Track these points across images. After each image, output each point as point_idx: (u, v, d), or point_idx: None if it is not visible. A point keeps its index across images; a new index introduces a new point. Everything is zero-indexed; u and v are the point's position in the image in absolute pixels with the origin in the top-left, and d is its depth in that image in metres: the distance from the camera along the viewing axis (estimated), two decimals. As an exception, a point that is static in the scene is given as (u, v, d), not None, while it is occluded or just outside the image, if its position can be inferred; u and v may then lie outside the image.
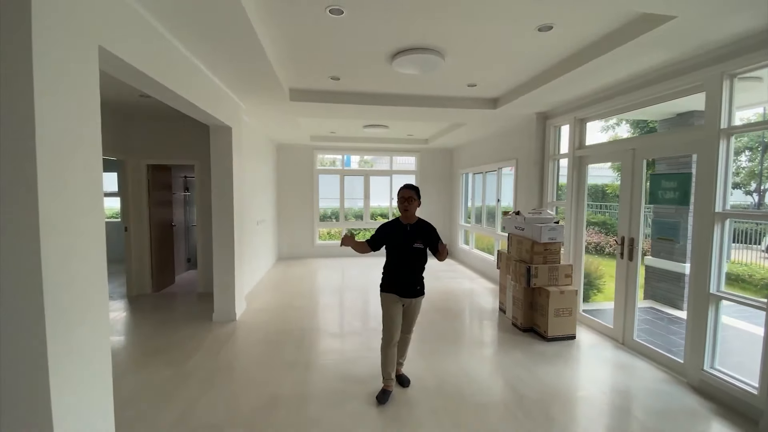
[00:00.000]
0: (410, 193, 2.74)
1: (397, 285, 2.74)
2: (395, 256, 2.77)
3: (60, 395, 1.60)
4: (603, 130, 12.56)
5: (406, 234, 2.73)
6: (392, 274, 2.76)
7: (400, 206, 2.76)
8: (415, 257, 2.73)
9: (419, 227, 2.78)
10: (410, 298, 2.77)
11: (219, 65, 3.26)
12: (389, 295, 2.75)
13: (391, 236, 2.76)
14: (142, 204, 5.44)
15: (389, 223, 2.84)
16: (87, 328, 1.79)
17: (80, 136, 1.76)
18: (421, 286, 2.82)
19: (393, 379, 2.83)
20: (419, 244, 2.72)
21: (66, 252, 1.65)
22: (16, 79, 1.48)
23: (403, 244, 2.72)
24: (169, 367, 3.20)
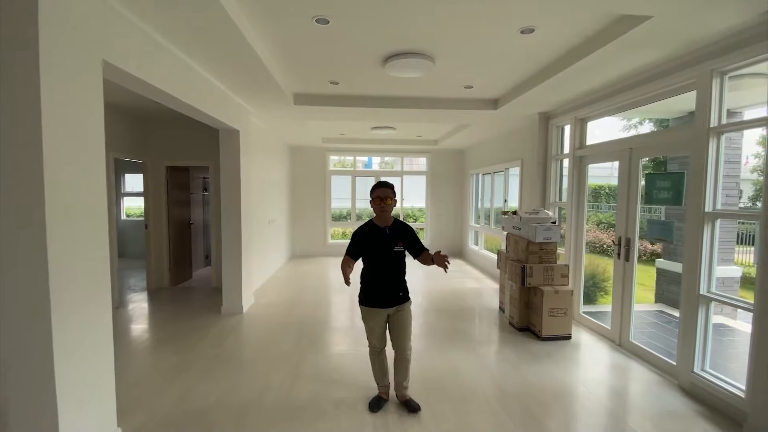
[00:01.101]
0: (387, 192, 2.50)
1: (379, 296, 2.51)
2: (375, 262, 2.52)
3: (67, 379, 1.83)
4: (624, 129, 12.18)
5: (385, 237, 2.50)
6: (373, 283, 2.52)
7: (376, 207, 2.51)
8: (396, 261, 2.52)
9: (398, 228, 2.57)
10: (394, 306, 2.52)
11: (222, 74, 3.49)
12: (370, 310, 2.53)
13: (370, 242, 2.50)
14: (161, 203, 5.80)
15: (363, 227, 2.57)
16: (90, 313, 2.01)
17: (84, 140, 1.98)
18: (405, 292, 2.58)
19: (387, 386, 2.68)
20: (400, 247, 2.52)
21: (69, 246, 1.87)
22: (24, 91, 1.70)
23: (383, 248, 2.49)
24: (175, 354, 3.45)
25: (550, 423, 2.49)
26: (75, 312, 1.92)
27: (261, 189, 5.93)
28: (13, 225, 1.73)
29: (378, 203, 2.51)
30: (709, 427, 2.46)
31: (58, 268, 1.80)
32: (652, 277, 6.07)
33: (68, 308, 1.87)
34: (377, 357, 2.64)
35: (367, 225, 2.58)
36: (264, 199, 6.17)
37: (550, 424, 2.48)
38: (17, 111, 1.71)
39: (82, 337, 1.97)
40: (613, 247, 3.81)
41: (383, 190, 2.51)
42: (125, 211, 9.07)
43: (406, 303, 2.59)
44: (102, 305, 2.13)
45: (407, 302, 2.60)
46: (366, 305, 2.55)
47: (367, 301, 2.54)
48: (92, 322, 2.05)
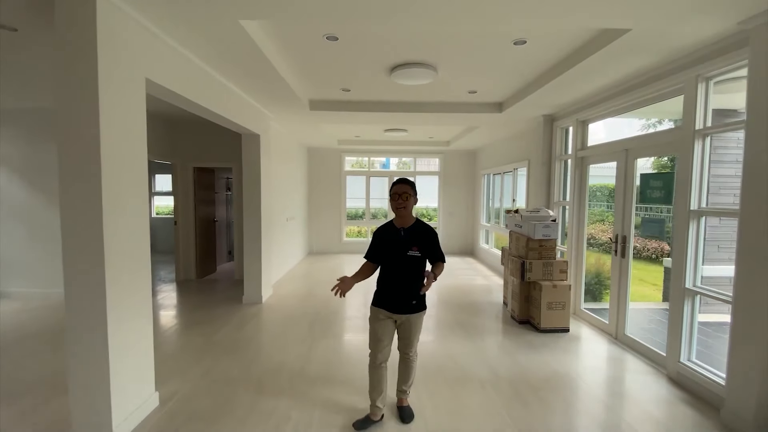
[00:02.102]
0: (405, 188, 2.27)
1: (388, 299, 2.33)
2: (387, 265, 2.35)
3: (117, 351, 2.20)
4: (644, 128, 12.04)
5: (399, 239, 2.29)
6: (384, 286, 2.37)
7: (394, 205, 2.29)
8: (411, 267, 2.29)
9: (416, 231, 2.32)
10: (405, 314, 2.33)
11: (246, 85, 3.87)
12: (378, 311, 2.37)
13: (384, 243, 2.34)
14: (188, 202, 6.28)
15: (382, 227, 2.41)
16: (135, 291, 2.39)
17: (131, 146, 2.37)
18: (419, 301, 2.35)
19: (380, 408, 2.41)
20: (415, 252, 2.26)
21: (119, 232, 2.25)
22: (86, 104, 2.09)
23: (397, 251, 2.27)
24: (201, 336, 3.85)
25: (535, 403, 2.71)
26: (124, 289, 2.30)
27: (280, 188, 6.32)
28: (77, 213, 2.13)
29: (395, 200, 2.28)
30: (689, 411, 2.63)
31: (111, 250, 2.18)
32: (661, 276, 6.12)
33: (119, 286, 2.25)
34: (376, 370, 2.39)
35: (385, 225, 2.40)
36: (282, 198, 6.57)
37: (535, 403, 2.71)
38: (80, 121, 2.10)
39: (129, 313, 2.35)
40: (611, 244, 3.97)
41: (401, 186, 2.29)
42: (155, 209, 9.71)
43: (419, 313, 2.38)
44: (144, 284, 2.51)
45: (420, 312, 2.38)
46: (375, 305, 2.40)
47: (377, 301, 2.39)
48: (136, 300, 2.42)
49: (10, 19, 2.51)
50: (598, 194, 6.21)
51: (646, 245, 7.53)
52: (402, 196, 2.27)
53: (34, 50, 3.04)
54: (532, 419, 2.51)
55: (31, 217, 5.19)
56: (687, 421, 2.54)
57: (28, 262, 5.22)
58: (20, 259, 5.22)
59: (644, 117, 9.00)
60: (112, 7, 2.17)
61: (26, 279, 5.23)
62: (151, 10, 2.34)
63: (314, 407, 2.62)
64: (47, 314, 4.48)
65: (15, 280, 5.24)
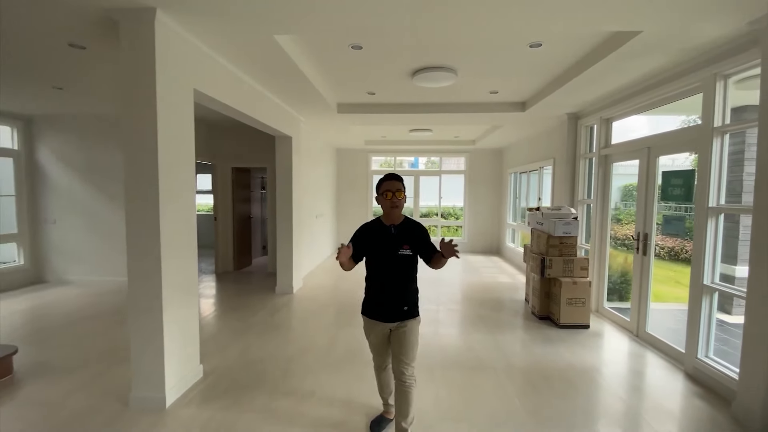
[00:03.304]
0: (398, 185, 2.12)
1: (379, 306, 2.16)
2: (376, 266, 2.17)
3: (170, 329, 2.56)
4: (683, 124, 11.52)
5: (390, 237, 2.13)
6: (373, 291, 2.19)
7: (387, 203, 2.11)
8: (402, 267, 2.13)
9: (407, 228, 2.17)
10: (396, 322, 2.14)
11: (279, 91, 4.20)
12: (369, 321, 2.20)
13: (372, 241, 2.15)
14: (227, 200, 6.77)
15: (368, 224, 2.23)
16: (185, 277, 2.75)
17: (181, 149, 2.72)
18: (411, 306, 2.16)
19: (393, 405, 2.34)
20: (407, 250, 2.11)
21: (172, 224, 2.60)
22: (146, 111, 2.44)
23: (387, 250, 2.11)
24: (238, 321, 4.23)
25: (546, 390, 2.84)
26: (175, 277, 2.65)
27: (309, 187, 6.68)
28: (139, 207, 2.49)
29: (389, 198, 2.10)
30: (700, 404, 2.67)
31: (165, 243, 2.54)
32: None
33: (172, 274, 2.60)
34: (382, 372, 2.36)
35: (373, 222, 2.23)
36: (312, 196, 6.93)
37: (547, 391, 2.83)
38: (141, 126, 2.45)
39: (179, 297, 2.70)
40: (633, 242, 3.98)
41: (393, 182, 2.12)
42: (196, 206, 10.39)
43: (412, 320, 2.16)
44: (192, 273, 2.86)
45: (413, 319, 2.17)
46: (366, 314, 2.23)
47: (367, 309, 2.22)
48: (185, 286, 2.78)
49: (80, 39, 2.92)
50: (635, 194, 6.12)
51: (684, 247, 7.29)
52: (396, 194, 2.11)
53: (98, 65, 3.48)
54: (541, 404, 2.64)
55: (90, 212, 5.81)
56: (697, 413, 2.59)
57: (86, 253, 5.86)
58: (79, 250, 5.86)
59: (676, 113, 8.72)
60: (167, 29, 2.52)
61: (84, 268, 5.87)
62: (198, 30, 2.68)
63: (336, 385, 2.88)
64: (103, 299, 5.04)
65: (75, 268, 5.89)
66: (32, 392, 2.76)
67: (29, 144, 5.81)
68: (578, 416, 2.52)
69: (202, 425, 2.37)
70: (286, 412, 2.52)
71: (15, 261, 5.81)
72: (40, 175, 5.85)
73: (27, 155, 5.80)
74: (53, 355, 3.35)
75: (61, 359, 3.26)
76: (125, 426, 2.36)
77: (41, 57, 3.27)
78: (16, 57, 3.26)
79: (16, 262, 5.80)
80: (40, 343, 3.62)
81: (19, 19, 2.55)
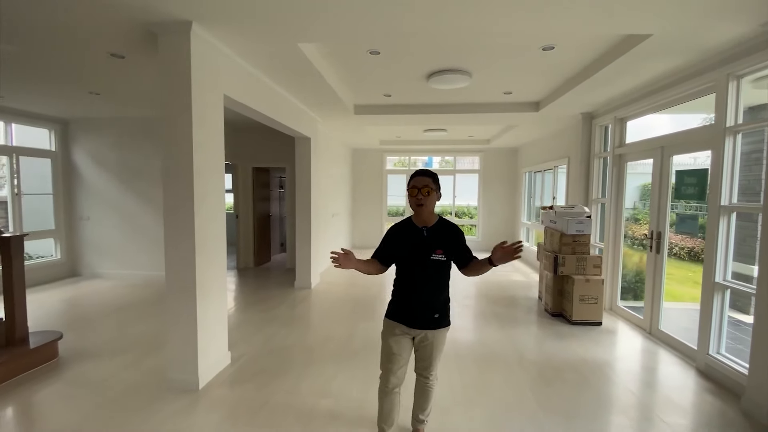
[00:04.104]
0: (426, 181, 1.92)
1: (405, 311, 1.98)
2: (406, 272, 1.99)
3: (202, 318, 2.77)
4: (704, 122, 11.28)
5: (422, 240, 1.94)
6: (401, 295, 2.01)
7: (413, 201, 1.94)
8: (434, 274, 1.95)
9: (441, 230, 1.98)
10: (424, 329, 1.98)
11: (300, 94, 4.40)
12: (392, 324, 2.01)
13: (402, 244, 1.98)
14: (248, 198, 7.03)
15: (399, 225, 2.05)
16: (215, 277, 2.96)
17: (213, 151, 2.93)
18: (443, 314, 2.00)
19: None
20: (440, 255, 1.93)
21: (205, 222, 2.81)
22: (182, 117, 2.65)
23: (418, 254, 1.94)
24: (261, 312, 4.46)
25: (557, 382, 2.94)
26: (207, 271, 2.86)
27: (326, 186, 6.88)
28: (177, 203, 2.70)
29: (414, 195, 1.92)
30: (710, 398, 2.74)
31: (200, 235, 2.75)
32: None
33: (204, 268, 2.81)
34: (388, 396, 2.05)
35: (403, 222, 2.05)
36: (329, 195, 7.13)
37: (557, 382, 2.93)
38: (178, 131, 2.67)
39: (210, 290, 2.91)
40: (647, 241, 4.02)
41: (420, 178, 1.93)
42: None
43: (442, 329, 2.02)
44: (221, 267, 3.07)
45: (443, 328, 2.02)
46: (390, 317, 2.04)
47: (392, 313, 2.03)
48: (216, 280, 2.99)
49: (120, 49, 3.16)
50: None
51: (704, 247, 7.20)
52: (422, 191, 1.90)
53: (134, 72, 3.74)
54: (552, 395, 2.75)
55: (121, 210, 6.15)
56: (707, 407, 2.65)
57: (117, 249, 6.19)
58: (111, 245, 6.21)
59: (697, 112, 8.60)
60: (201, 39, 2.73)
61: (118, 262, 6.20)
62: (229, 39, 2.88)
63: (356, 370, 3.05)
64: (133, 291, 5.34)
65: (109, 263, 6.24)
66: (76, 374, 3.01)
67: (66, 146, 6.18)
68: (588, 407, 2.62)
69: (233, 405, 2.58)
70: (312, 394, 2.71)
71: (52, 255, 6.19)
72: (75, 175, 6.22)
73: (64, 156, 6.17)
74: (93, 341, 3.63)
75: (101, 345, 3.53)
76: (164, 404, 2.58)
77: (83, 65, 3.53)
78: (59, 65, 3.54)
79: (54, 257, 6.18)
80: (79, 330, 3.90)
81: (65, 32, 2.79)
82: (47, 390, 2.77)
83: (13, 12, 2.46)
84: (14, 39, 2.90)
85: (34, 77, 3.91)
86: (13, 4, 2.36)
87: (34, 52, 3.19)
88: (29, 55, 3.24)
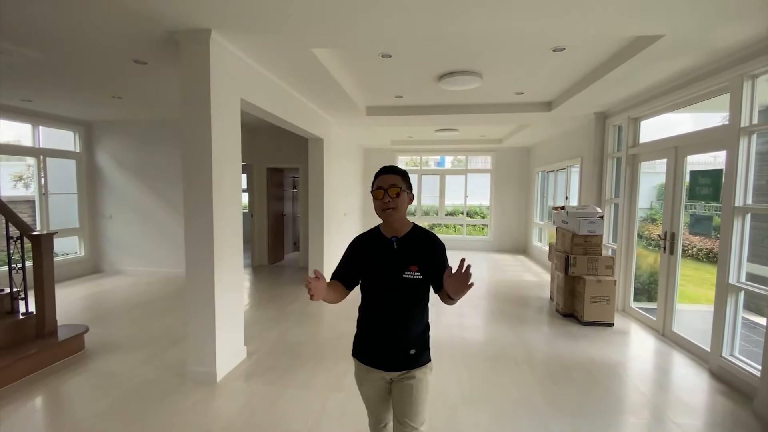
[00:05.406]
0: (394, 179, 1.49)
1: (373, 349, 1.56)
2: (373, 294, 1.56)
3: (220, 313, 2.88)
4: (724, 120, 10.99)
5: (391, 254, 1.52)
6: (368, 326, 1.60)
7: (378, 205, 1.50)
8: (408, 295, 1.51)
9: (415, 241, 1.54)
10: (397, 371, 1.54)
11: (313, 97, 4.50)
12: (363, 368, 1.59)
13: (367, 259, 1.56)
14: (263, 198, 7.19)
15: (364, 236, 1.64)
16: (232, 274, 3.07)
17: (231, 152, 3.04)
18: (421, 348, 1.56)
19: None
20: (414, 272, 1.49)
21: (223, 220, 2.93)
22: (201, 118, 2.77)
23: (387, 272, 1.51)
24: (275, 309, 4.58)
25: (565, 380, 2.97)
26: (225, 269, 2.97)
27: (338, 186, 6.98)
28: (197, 203, 2.82)
29: (379, 197, 1.49)
30: (723, 400, 2.73)
31: (218, 234, 2.86)
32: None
33: (222, 266, 2.93)
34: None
35: (369, 233, 1.63)
36: (341, 194, 7.23)
37: (565, 380, 2.96)
38: (197, 134, 2.79)
39: (228, 286, 3.03)
40: (660, 241, 3.99)
41: (386, 177, 1.50)
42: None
43: (421, 368, 1.55)
44: (238, 265, 3.19)
45: (423, 366, 1.56)
46: (357, 357, 1.62)
47: (359, 352, 1.62)
48: (233, 277, 3.10)
49: (143, 56, 3.30)
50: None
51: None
52: (389, 191, 1.47)
53: (155, 77, 3.88)
54: (561, 394, 2.78)
55: (141, 209, 6.36)
56: (719, 407, 2.65)
57: (138, 246, 6.41)
58: (132, 243, 6.43)
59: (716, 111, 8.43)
60: (219, 46, 2.84)
61: (136, 259, 6.43)
62: (246, 46, 2.99)
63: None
64: (154, 287, 5.53)
65: (129, 260, 6.46)
66: (102, 365, 3.17)
67: (89, 147, 6.42)
68: (597, 406, 2.64)
69: (249, 396, 2.68)
70: (324, 388, 2.80)
71: (77, 252, 6.44)
72: (98, 175, 6.46)
73: (87, 157, 6.41)
74: (116, 334, 3.79)
75: (124, 338, 3.69)
76: (184, 395, 2.70)
77: (107, 71, 3.70)
78: (85, 71, 3.71)
79: (78, 254, 6.43)
80: (103, 324, 4.08)
81: (92, 40, 2.94)
82: (75, 380, 2.92)
83: (45, 22, 2.62)
84: (44, 47, 3.06)
85: (61, 82, 4.10)
86: (45, 15, 2.51)
87: (62, 59, 3.36)
88: (57, 61, 3.41)
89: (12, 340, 3.10)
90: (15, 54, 3.18)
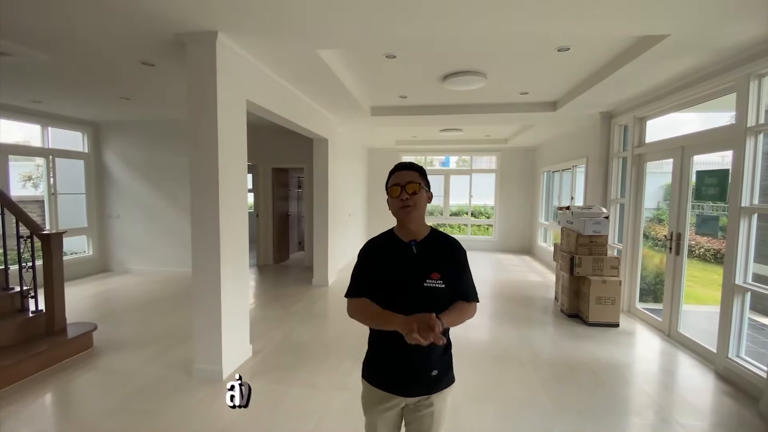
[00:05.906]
0: (411, 176, 1.35)
1: (390, 372, 1.38)
2: (388, 306, 1.32)
3: (226, 312, 2.91)
4: (732, 119, 10.89)
5: (410, 260, 1.35)
6: (384, 347, 1.42)
7: (395, 203, 1.35)
8: (429, 307, 1.23)
9: (435, 246, 1.39)
10: (418, 395, 1.36)
11: (318, 98, 4.53)
12: (376, 393, 1.40)
13: (383, 267, 1.38)
14: (268, 198, 7.23)
15: (377, 240, 1.45)
16: (238, 273, 3.10)
17: (237, 153, 3.07)
18: (444, 370, 1.38)
19: None
20: (437, 280, 1.31)
21: (229, 217, 2.96)
22: (209, 119, 2.80)
23: (407, 280, 1.33)
24: (280, 308, 4.62)
25: (569, 380, 2.96)
26: (231, 268, 3.00)
27: (343, 187, 7.01)
28: (203, 203, 2.86)
29: (396, 194, 1.34)
30: (728, 401, 2.71)
31: (225, 233, 2.89)
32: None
33: (228, 265, 2.96)
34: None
35: (382, 237, 1.45)
36: (345, 195, 7.26)
37: (570, 380, 2.95)
38: (204, 134, 2.82)
39: (234, 286, 3.06)
40: (666, 241, 3.97)
41: (403, 173, 1.36)
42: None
43: (444, 391, 1.39)
44: (244, 265, 3.22)
45: (446, 389, 1.40)
46: (368, 380, 1.45)
47: (370, 374, 1.45)
48: (239, 276, 3.13)
49: (151, 57, 3.34)
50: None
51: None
52: (406, 188, 1.33)
53: (162, 79, 3.93)
54: (565, 394, 2.78)
55: (148, 209, 6.43)
56: (724, 409, 2.63)
57: (145, 246, 6.49)
58: (139, 243, 6.51)
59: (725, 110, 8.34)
60: (225, 48, 2.87)
61: (145, 259, 6.50)
62: (251, 47, 3.02)
63: (372, 367, 3.14)
64: (160, 286, 5.59)
65: (136, 259, 6.54)
66: (109, 363, 3.22)
67: (97, 147, 6.50)
68: (602, 407, 2.63)
69: (254, 395, 2.69)
70: (329, 387, 2.82)
71: (85, 252, 6.53)
72: (106, 175, 6.54)
73: (95, 158, 6.50)
74: (124, 332, 3.84)
75: (131, 336, 3.74)
76: (190, 393, 2.74)
77: (115, 73, 3.75)
78: (93, 73, 3.77)
79: (86, 253, 6.52)
80: (111, 322, 4.14)
81: (100, 43, 2.98)
82: (84, 377, 2.97)
83: (54, 25, 2.66)
84: (53, 49, 3.11)
85: (70, 84, 4.16)
86: (54, 18, 2.56)
87: (71, 62, 3.41)
88: (66, 63, 3.46)
89: (22, 338, 3.15)
90: (25, 56, 3.24)
